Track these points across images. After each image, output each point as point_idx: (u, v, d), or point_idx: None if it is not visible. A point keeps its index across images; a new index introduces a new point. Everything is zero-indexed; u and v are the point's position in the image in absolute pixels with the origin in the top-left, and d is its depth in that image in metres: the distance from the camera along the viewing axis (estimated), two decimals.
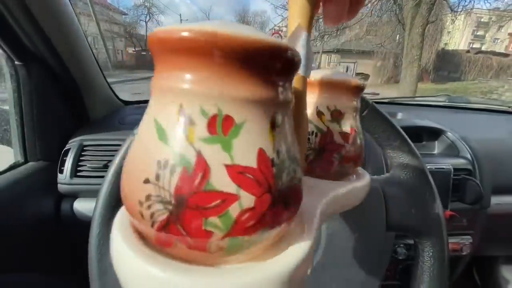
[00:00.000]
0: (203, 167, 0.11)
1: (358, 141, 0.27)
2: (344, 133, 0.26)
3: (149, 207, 0.12)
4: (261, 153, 0.12)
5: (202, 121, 0.11)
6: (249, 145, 0.12)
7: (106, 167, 0.59)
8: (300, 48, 0.20)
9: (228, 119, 0.12)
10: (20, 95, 0.54)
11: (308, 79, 0.23)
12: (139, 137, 0.13)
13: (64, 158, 0.60)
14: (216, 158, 0.11)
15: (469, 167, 0.64)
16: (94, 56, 0.71)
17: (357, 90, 0.26)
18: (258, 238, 0.12)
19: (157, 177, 0.12)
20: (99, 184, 0.31)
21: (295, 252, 0.14)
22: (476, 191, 0.56)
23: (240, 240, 0.12)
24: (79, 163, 0.59)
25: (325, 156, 0.26)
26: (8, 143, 0.59)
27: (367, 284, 0.35)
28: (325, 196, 0.22)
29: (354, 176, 0.29)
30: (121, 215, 0.16)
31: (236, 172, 0.11)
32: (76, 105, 0.66)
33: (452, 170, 0.57)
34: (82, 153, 0.60)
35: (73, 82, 0.63)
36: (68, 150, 0.60)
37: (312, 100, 0.26)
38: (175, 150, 0.11)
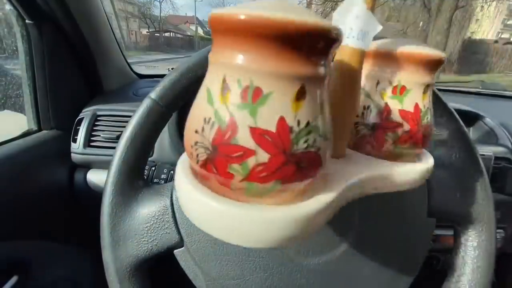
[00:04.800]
0: (233, 126, 0.14)
1: (424, 121, 0.24)
2: (405, 112, 0.23)
3: (196, 150, 0.16)
4: (281, 120, 0.14)
5: (237, 90, 0.14)
6: (272, 112, 0.14)
7: (119, 138, 0.57)
8: (352, 19, 0.21)
9: (257, 90, 0.14)
10: (32, 58, 0.51)
11: (374, 50, 0.24)
12: (196, 99, 0.17)
13: (78, 127, 0.58)
14: (243, 121, 0.14)
15: (509, 156, 0.58)
16: (110, 25, 0.68)
17: (431, 64, 0.23)
18: (271, 187, 0.15)
19: (202, 129, 0.15)
20: (112, 156, 0.29)
21: (312, 203, 0.18)
22: None
23: (254, 186, 0.15)
24: (92, 133, 0.58)
25: (377, 133, 0.24)
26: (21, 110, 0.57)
27: (402, 273, 0.31)
28: (365, 170, 0.23)
29: (416, 158, 0.26)
30: (184, 157, 0.21)
31: (257, 133, 0.14)
32: (90, 73, 0.64)
33: (493, 157, 0.52)
34: (96, 123, 0.59)
35: (87, 48, 0.60)
36: (81, 119, 0.59)
37: (373, 73, 0.25)
38: (216, 111, 0.15)
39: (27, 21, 0.49)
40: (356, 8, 0.21)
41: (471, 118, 0.69)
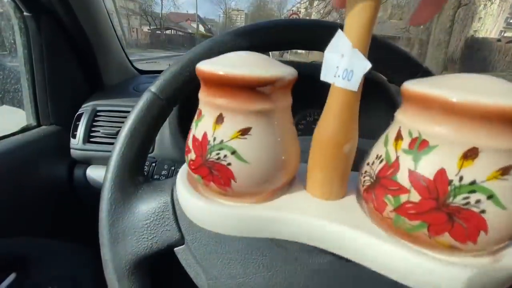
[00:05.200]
0: (190, 137, 0.22)
1: (456, 200, 0.15)
2: (417, 175, 0.16)
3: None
4: (204, 135, 0.20)
5: (198, 110, 0.22)
6: (201, 128, 0.21)
7: None
8: (338, 56, 0.20)
9: (199, 112, 0.22)
10: (30, 51, 0.50)
11: (404, 90, 0.19)
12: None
13: (77, 123, 0.57)
14: (192, 131, 0.22)
15: None
16: (110, 19, 0.67)
17: (480, 117, 0.14)
18: (197, 178, 0.22)
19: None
20: (111, 151, 0.29)
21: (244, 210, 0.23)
22: None
23: (198, 178, 0.22)
24: (92, 129, 0.57)
25: (377, 191, 0.19)
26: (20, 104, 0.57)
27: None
28: (325, 222, 0.22)
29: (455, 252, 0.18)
30: (184, 167, 0.27)
31: (193, 140, 0.21)
32: (90, 68, 0.63)
33: None
34: (95, 119, 0.58)
35: (86, 42, 0.59)
36: (81, 114, 0.58)
37: (399, 118, 0.19)
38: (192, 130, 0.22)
39: (25, 13, 0.48)
40: (341, 46, 0.19)
41: None
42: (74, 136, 0.57)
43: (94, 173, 0.58)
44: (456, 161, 0.15)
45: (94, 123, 0.57)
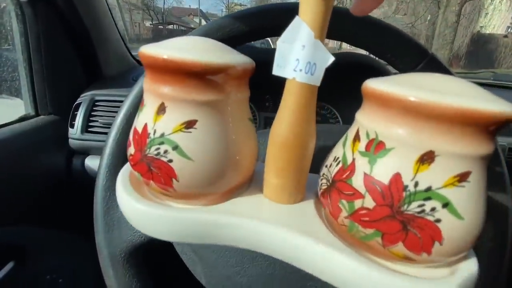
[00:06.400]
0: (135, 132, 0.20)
1: (411, 207, 0.14)
2: (371, 179, 0.15)
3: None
4: (145, 126, 0.18)
5: (142, 100, 0.20)
6: (142, 119, 0.19)
7: None
8: (298, 48, 0.18)
9: (142, 101, 0.20)
10: (27, 39, 0.50)
11: (364, 87, 0.17)
12: None
13: (75, 113, 0.57)
14: (134, 122, 0.20)
15: None
16: (109, 10, 0.66)
17: (434, 116, 0.14)
18: (138, 176, 0.20)
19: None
20: (106, 137, 0.28)
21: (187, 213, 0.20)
22: None
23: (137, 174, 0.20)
24: (90, 119, 0.56)
25: (332, 195, 0.18)
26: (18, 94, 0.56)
27: None
28: (270, 223, 0.19)
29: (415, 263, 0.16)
30: (125, 168, 0.24)
31: (134, 132, 0.19)
32: (88, 58, 0.62)
33: (507, 149, 0.50)
34: (94, 108, 0.57)
35: (85, 31, 0.58)
36: (79, 104, 0.57)
37: (358, 117, 0.18)
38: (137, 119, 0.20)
39: None
40: (302, 37, 0.17)
41: None
42: (72, 126, 0.56)
43: (93, 163, 0.58)
44: (412, 165, 0.14)
45: (92, 113, 0.57)
